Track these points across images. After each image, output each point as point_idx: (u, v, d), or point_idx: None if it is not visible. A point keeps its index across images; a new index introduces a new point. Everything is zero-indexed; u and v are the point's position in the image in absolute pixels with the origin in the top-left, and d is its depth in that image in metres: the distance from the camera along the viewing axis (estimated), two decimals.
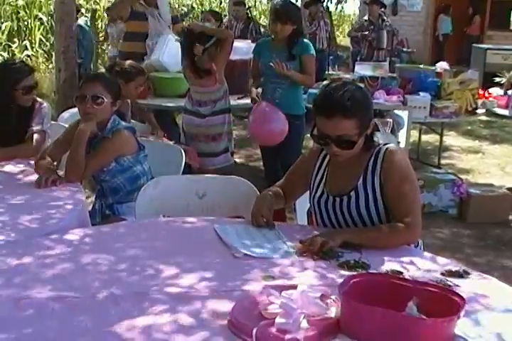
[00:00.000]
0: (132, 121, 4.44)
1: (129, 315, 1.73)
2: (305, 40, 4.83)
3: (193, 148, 4.93)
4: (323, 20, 10.27)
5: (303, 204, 2.89)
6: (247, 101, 5.40)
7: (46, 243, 2.25)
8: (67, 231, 2.39)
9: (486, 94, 6.42)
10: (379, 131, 2.49)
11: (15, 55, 12.73)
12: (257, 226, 2.42)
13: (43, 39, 13.61)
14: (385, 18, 9.75)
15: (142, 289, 1.89)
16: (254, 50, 5.01)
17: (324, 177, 2.52)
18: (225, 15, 10.82)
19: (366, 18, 10.01)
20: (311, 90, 6.30)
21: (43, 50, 13.45)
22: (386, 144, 2.44)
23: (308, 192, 2.62)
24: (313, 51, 4.76)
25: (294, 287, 1.76)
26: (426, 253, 2.36)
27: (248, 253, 2.16)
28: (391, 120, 5.82)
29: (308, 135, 6.05)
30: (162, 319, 1.71)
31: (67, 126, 3.51)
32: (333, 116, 2.27)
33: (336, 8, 22.11)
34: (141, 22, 6.25)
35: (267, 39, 4.97)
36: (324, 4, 11.95)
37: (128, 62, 4.51)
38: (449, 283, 1.94)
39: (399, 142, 5.69)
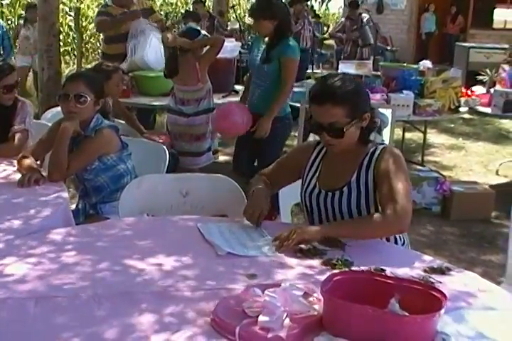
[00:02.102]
0: (117, 120, 4.43)
1: (113, 314, 1.73)
2: (290, 41, 4.48)
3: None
4: (307, 19, 10.28)
5: (286, 201, 2.90)
6: (232, 99, 5.41)
7: (29, 242, 2.24)
8: (50, 230, 2.38)
9: (469, 92, 6.43)
10: (376, 127, 2.50)
11: None
12: (250, 220, 2.41)
13: None
14: (366, 15, 9.77)
15: (125, 288, 1.89)
16: (249, 46, 4.97)
17: (318, 171, 2.53)
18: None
19: (343, 18, 10.07)
20: (295, 89, 6.30)
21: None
22: (382, 144, 2.47)
23: (292, 189, 2.63)
24: (294, 54, 4.45)
25: (277, 285, 1.76)
26: (409, 250, 2.39)
27: (231, 251, 2.16)
28: (378, 118, 5.82)
29: (294, 134, 5.99)
30: (145, 318, 1.71)
31: (50, 125, 3.49)
32: (324, 103, 2.32)
33: (321, 7, 22.14)
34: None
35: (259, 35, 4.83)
36: (309, 3, 11.97)
37: (100, 62, 4.60)
38: (431, 279, 1.95)
39: (383, 140, 5.70)
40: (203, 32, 5.50)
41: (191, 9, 11.18)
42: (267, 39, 4.54)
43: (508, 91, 5.80)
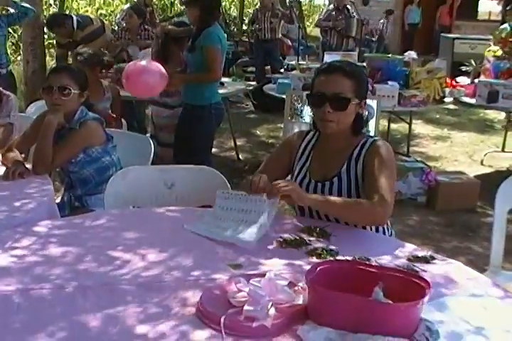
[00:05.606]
0: None
1: (98, 305, 1.73)
2: (211, 29, 4.44)
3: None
4: (270, 11, 10.10)
5: None
6: (220, 91, 5.39)
7: (14, 235, 2.23)
8: (35, 223, 2.37)
9: (454, 83, 6.45)
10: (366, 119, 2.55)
11: None
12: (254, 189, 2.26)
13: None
14: (350, 7, 9.72)
15: (110, 280, 1.89)
16: None
17: (308, 160, 2.53)
18: None
19: (331, 7, 10.00)
20: (280, 80, 6.32)
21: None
22: (373, 137, 2.49)
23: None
24: (214, 42, 4.42)
25: (262, 275, 1.77)
26: (394, 240, 2.40)
27: (209, 235, 2.19)
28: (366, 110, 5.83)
29: (280, 125, 5.97)
30: (130, 309, 1.70)
31: (35, 118, 3.48)
32: (333, 73, 2.39)
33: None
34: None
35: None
36: None
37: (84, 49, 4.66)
38: (415, 268, 1.97)
39: (368, 131, 5.72)
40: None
41: None
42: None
43: (492, 81, 5.82)
